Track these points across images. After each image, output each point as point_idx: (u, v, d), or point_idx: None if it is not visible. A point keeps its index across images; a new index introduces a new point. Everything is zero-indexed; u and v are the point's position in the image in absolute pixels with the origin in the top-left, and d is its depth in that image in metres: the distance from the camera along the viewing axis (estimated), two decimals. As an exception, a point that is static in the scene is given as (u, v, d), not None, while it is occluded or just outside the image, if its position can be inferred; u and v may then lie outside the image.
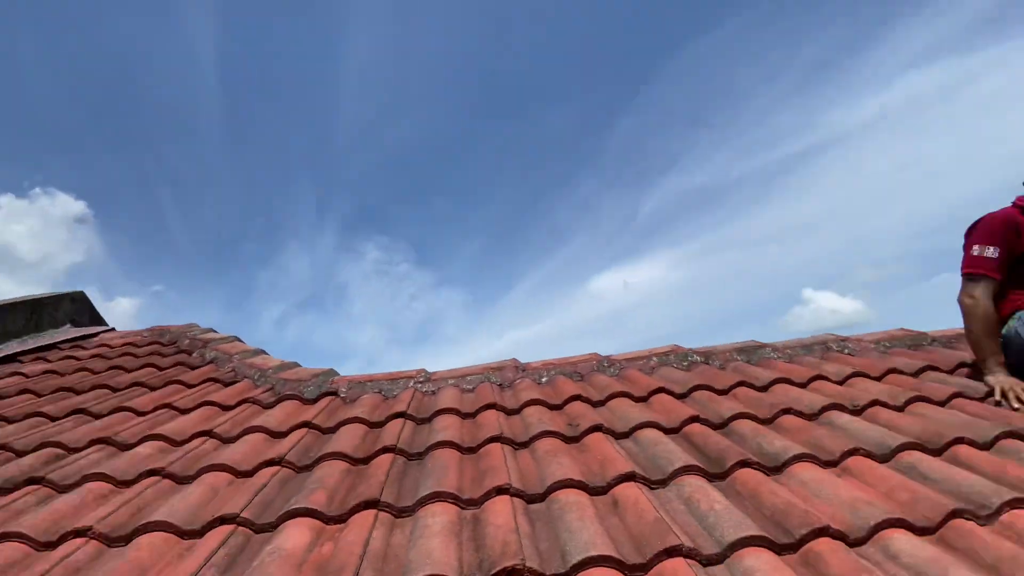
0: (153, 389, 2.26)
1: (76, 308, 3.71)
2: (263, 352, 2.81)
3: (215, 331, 3.26)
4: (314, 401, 2.09)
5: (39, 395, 2.22)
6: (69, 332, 3.47)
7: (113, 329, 3.63)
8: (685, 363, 2.28)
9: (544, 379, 2.19)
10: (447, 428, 1.69)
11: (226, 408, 2.03)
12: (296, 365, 2.55)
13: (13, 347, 3.03)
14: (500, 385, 2.16)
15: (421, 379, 2.23)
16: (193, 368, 2.58)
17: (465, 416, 1.84)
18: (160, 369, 2.57)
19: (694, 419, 1.65)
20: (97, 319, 3.82)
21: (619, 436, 1.63)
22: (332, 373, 2.36)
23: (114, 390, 2.26)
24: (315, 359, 3.47)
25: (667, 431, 1.62)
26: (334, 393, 2.14)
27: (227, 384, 2.33)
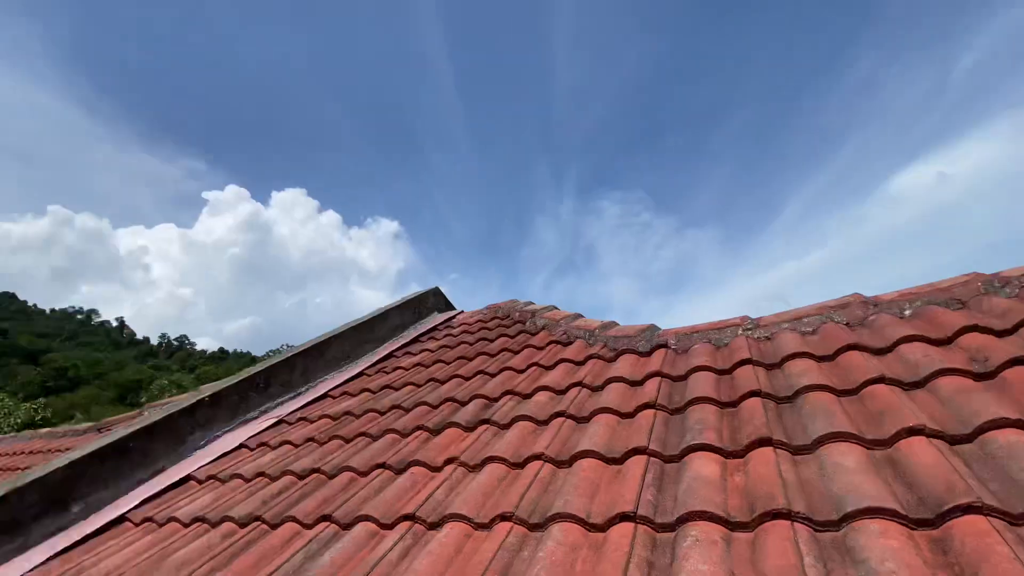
0: (515, 352, 2.86)
1: (436, 300, 4.93)
2: (580, 316, 3.22)
3: (533, 303, 3.88)
4: (648, 353, 2.31)
5: (447, 363, 3.06)
6: (437, 317, 4.64)
7: (463, 311, 4.70)
8: None
9: (907, 311, 1.90)
10: (808, 372, 1.66)
11: (578, 363, 2.43)
12: (615, 324, 2.85)
13: (411, 333, 4.23)
14: (848, 324, 1.98)
15: (748, 326, 2.22)
16: (533, 334, 3.15)
17: (836, 356, 1.77)
18: (511, 337, 3.23)
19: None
20: (450, 306, 5.00)
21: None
22: (655, 328, 2.55)
23: (491, 355, 2.94)
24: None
25: None
26: (664, 345, 2.32)
27: (565, 344, 2.78)
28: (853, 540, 0.99)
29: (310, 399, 3.14)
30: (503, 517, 1.36)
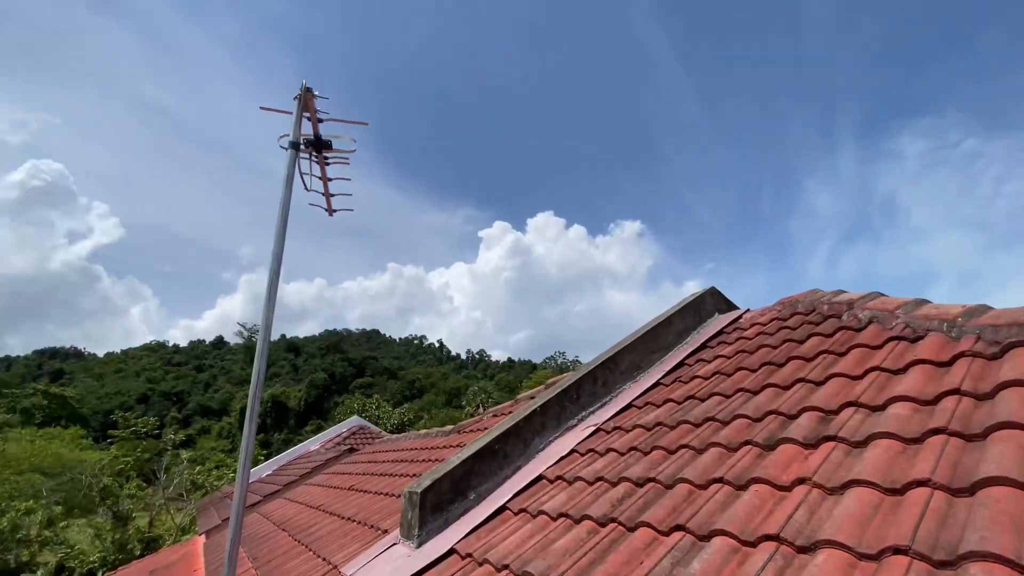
0: (840, 355, 2.52)
1: (715, 301, 4.74)
2: (924, 301, 2.63)
3: (845, 291, 3.35)
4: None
5: (751, 371, 2.91)
6: (720, 320, 4.45)
7: (748, 310, 4.39)
8: None
9: None
10: None
11: (940, 364, 1.99)
12: (985, 308, 2.23)
13: (696, 338, 4.16)
14: None
15: None
16: (857, 330, 2.72)
17: None
18: (826, 336, 2.85)
19: None
20: (730, 305, 4.74)
21: None
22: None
23: (806, 360, 2.67)
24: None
25: None
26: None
27: (912, 341, 2.31)
28: None
29: (615, 410, 3.40)
30: (896, 550, 1.23)
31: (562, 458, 2.97)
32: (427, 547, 2.52)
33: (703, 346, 3.95)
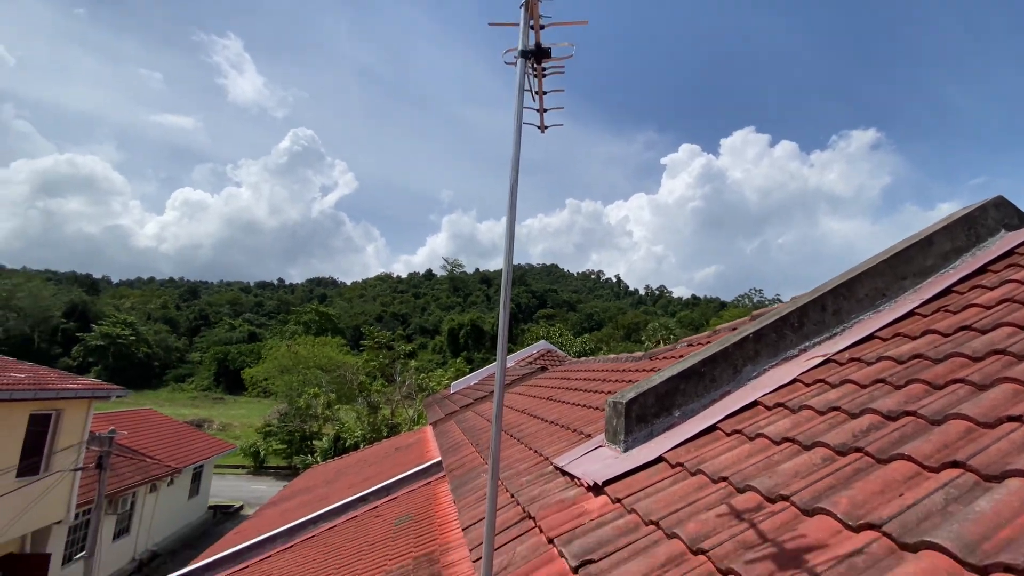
0: None
1: (1000, 213, 3.64)
2: None
3: None
4: None
5: (1073, 296, 2.19)
6: (1009, 238, 3.42)
7: (1062, 224, 3.27)
8: None
9: None
10: None
11: None
12: None
13: (970, 261, 3.28)
14: None
15: None
16: None
17: None
18: None
19: None
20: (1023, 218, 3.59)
21: None
22: None
23: None
24: None
25: None
26: None
27: None
28: None
29: (851, 341, 2.95)
30: None
31: (782, 387, 2.74)
32: (634, 452, 2.63)
33: (982, 270, 3.12)
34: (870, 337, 2.90)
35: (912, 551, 1.23)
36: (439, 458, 7.99)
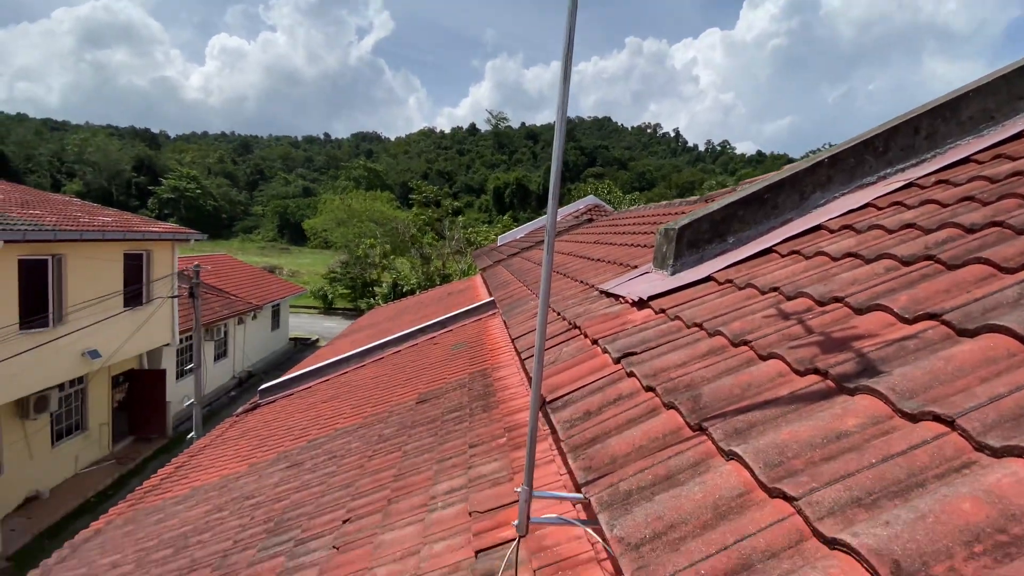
0: None
1: None
2: None
3: None
4: None
5: None
6: None
7: None
8: None
9: None
10: None
11: None
12: None
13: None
14: None
15: None
16: None
17: None
18: None
19: None
20: None
21: None
22: None
23: None
24: None
25: None
26: None
27: None
28: None
29: (942, 165, 2.66)
30: None
31: (851, 211, 2.57)
32: (681, 275, 2.65)
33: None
34: (965, 160, 2.60)
35: (971, 336, 1.22)
36: (489, 298, 8.50)
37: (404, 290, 22.86)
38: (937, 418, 0.98)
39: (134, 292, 12.93)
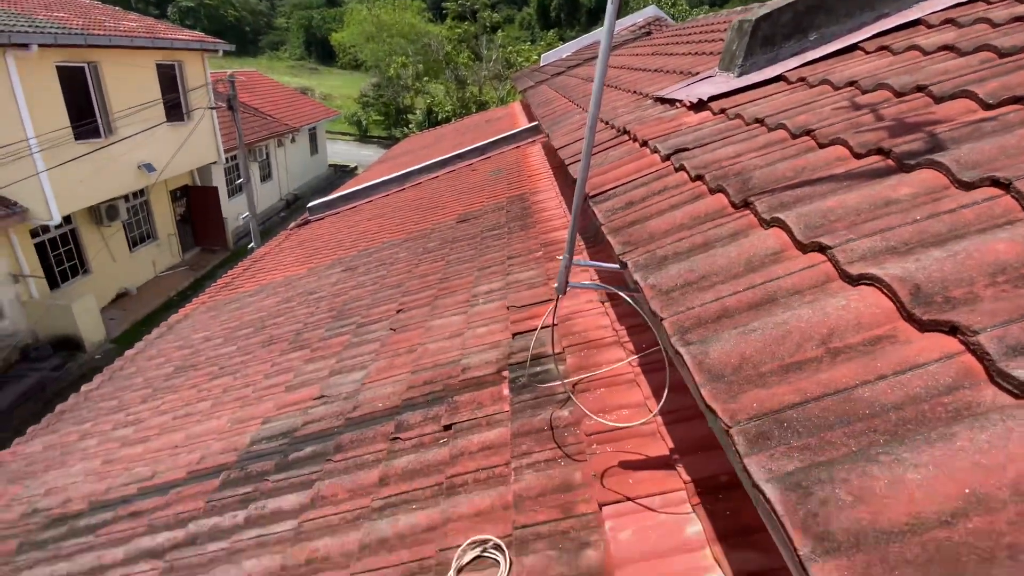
0: None
1: None
2: None
3: None
4: None
5: None
6: None
7: None
8: None
9: None
10: None
11: None
12: None
13: None
14: None
15: None
16: None
17: None
18: None
19: None
20: None
21: None
22: None
23: None
24: None
25: None
26: None
27: None
28: None
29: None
30: None
31: (960, 3, 2.20)
32: (749, 76, 2.44)
33: None
34: None
35: (1062, 115, 1.13)
36: (528, 125, 8.11)
37: (439, 117, 21.88)
38: (995, 183, 0.97)
39: (173, 103, 12.88)
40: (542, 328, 2.38)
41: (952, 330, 0.72)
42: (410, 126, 23.64)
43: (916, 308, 0.78)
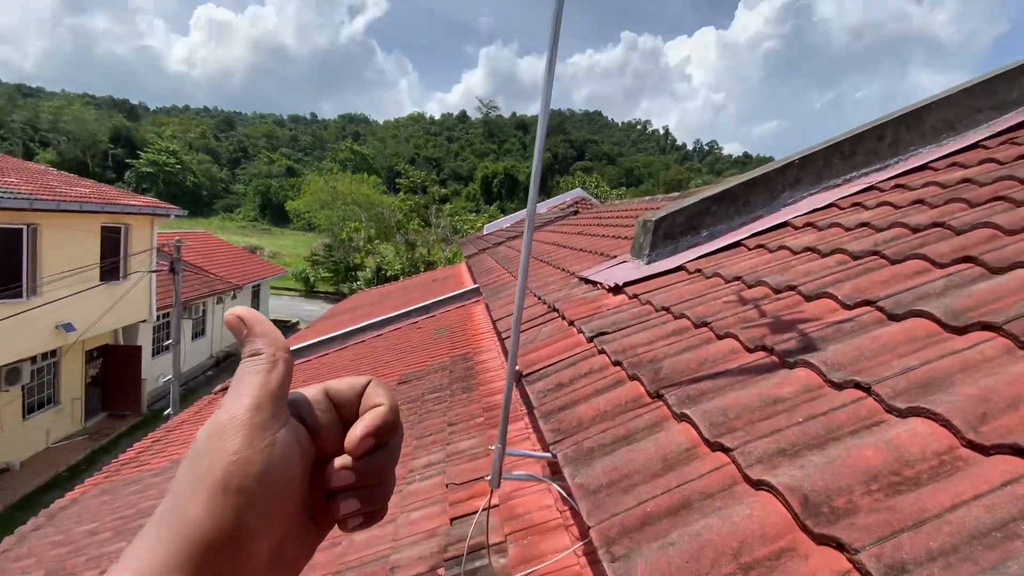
0: None
1: None
2: None
3: None
4: None
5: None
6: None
7: None
8: None
9: None
10: None
11: None
12: None
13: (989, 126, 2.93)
14: None
15: None
16: None
17: None
18: None
19: None
20: None
21: None
22: None
23: None
24: None
25: None
26: None
27: None
28: None
29: (902, 171, 2.84)
30: None
31: (816, 210, 2.74)
32: (656, 264, 2.80)
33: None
34: (923, 167, 2.78)
35: (899, 319, 1.37)
36: (473, 286, 8.60)
37: (388, 275, 22.79)
38: (857, 385, 1.12)
39: (111, 266, 12.70)
40: (481, 512, 2.24)
41: (839, 546, 0.77)
42: (358, 282, 24.31)
43: (808, 519, 0.83)
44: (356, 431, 0.37)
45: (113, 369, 14.19)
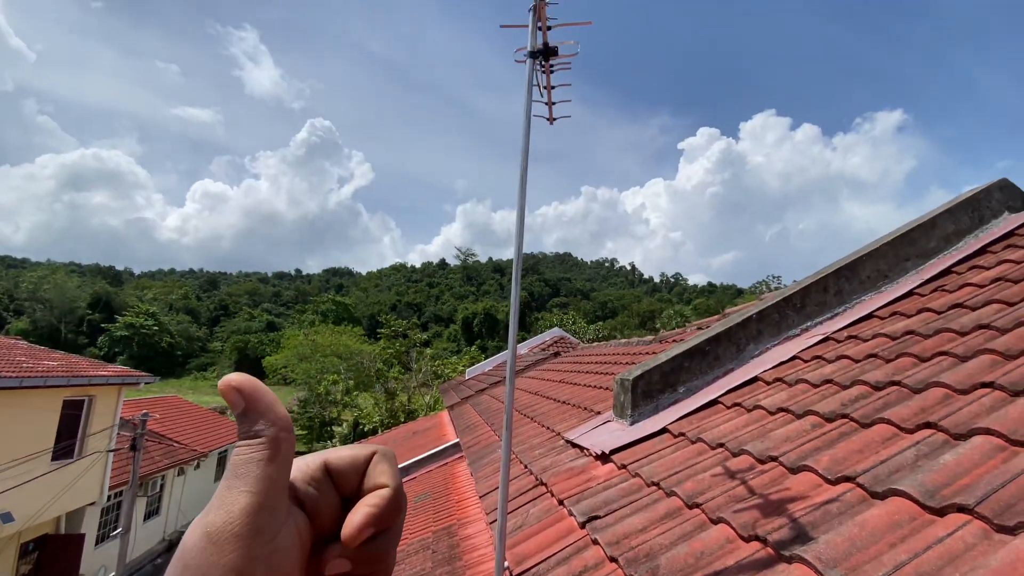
0: None
1: (1005, 196, 3.69)
2: None
3: None
4: None
5: (1061, 274, 2.29)
6: (1011, 219, 3.48)
7: (1066, 204, 3.32)
8: None
9: None
10: None
11: None
12: None
13: (972, 243, 3.36)
14: None
15: None
16: None
17: None
18: None
19: None
20: (1033, 200, 3.63)
21: None
22: None
23: None
24: None
25: None
26: None
27: None
28: None
29: (851, 320, 3.07)
30: None
31: (782, 363, 2.87)
32: (639, 425, 2.80)
33: (982, 251, 3.20)
34: (869, 316, 3.02)
35: (881, 498, 1.39)
36: (456, 440, 8.25)
37: (366, 429, 21.75)
38: (857, 589, 1.09)
39: (66, 447, 11.86)
40: None
41: None
42: (333, 440, 23.03)
43: None
44: (355, 519, 0.33)
45: (50, 562, 12.41)
